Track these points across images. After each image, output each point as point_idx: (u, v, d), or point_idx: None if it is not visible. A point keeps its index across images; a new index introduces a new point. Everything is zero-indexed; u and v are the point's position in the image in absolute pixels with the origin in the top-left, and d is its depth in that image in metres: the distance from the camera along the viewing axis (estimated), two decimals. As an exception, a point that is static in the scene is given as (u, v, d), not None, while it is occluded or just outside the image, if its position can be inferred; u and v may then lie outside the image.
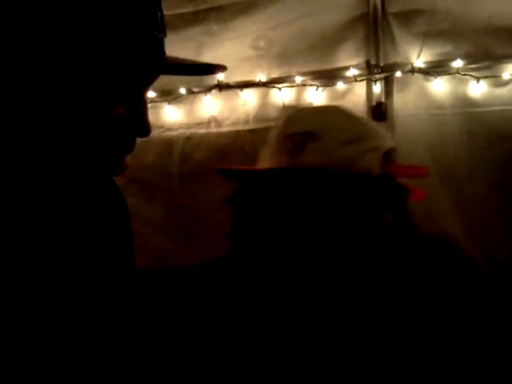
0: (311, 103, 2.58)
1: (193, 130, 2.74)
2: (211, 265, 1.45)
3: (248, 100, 2.68)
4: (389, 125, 2.53)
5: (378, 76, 2.55)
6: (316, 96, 2.59)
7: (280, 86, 2.63)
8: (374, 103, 2.55)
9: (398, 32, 2.52)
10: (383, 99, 2.56)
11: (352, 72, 2.56)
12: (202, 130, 2.74)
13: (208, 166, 2.59)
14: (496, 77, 2.53)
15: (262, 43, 2.59)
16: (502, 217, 2.54)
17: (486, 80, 2.52)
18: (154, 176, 2.82)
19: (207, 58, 2.64)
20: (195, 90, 2.72)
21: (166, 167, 2.81)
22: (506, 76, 2.54)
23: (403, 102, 2.57)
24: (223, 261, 1.41)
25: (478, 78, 2.51)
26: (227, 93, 2.69)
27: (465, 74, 2.52)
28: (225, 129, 2.73)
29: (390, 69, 2.55)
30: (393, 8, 2.51)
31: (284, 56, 2.62)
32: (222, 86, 2.66)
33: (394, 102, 2.57)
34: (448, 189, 2.58)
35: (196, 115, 2.76)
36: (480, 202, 2.55)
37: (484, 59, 2.51)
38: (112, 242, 0.94)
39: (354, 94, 2.59)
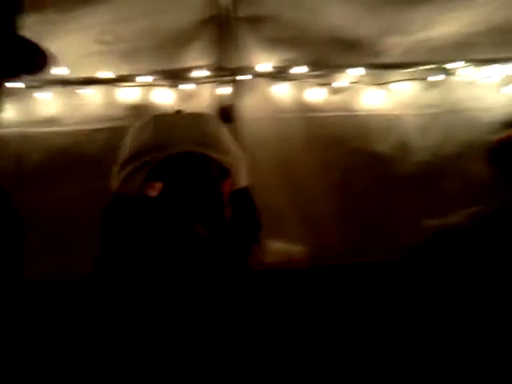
0: (159, 104, 2.52)
1: (30, 129, 2.51)
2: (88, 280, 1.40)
3: (91, 98, 2.53)
4: (235, 127, 2.57)
5: (225, 79, 2.56)
6: (164, 96, 2.54)
7: (126, 84, 2.52)
8: (222, 106, 2.57)
9: (246, 36, 2.54)
10: (231, 102, 2.58)
11: (200, 73, 2.53)
12: (41, 129, 2.52)
13: (47, 168, 2.41)
14: (331, 84, 2.72)
15: (107, 38, 2.41)
16: (338, 214, 2.75)
17: (325, 87, 2.69)
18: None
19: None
20: (32, 84, 2.47)
21: (-1, 168, 2.56)
22: (341, 84, 2.73)
23: (250, 105, 2.62)
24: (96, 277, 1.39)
25: (318, 85, 2.66)
26: (68, 89, 2.50)
27: (306, 81, 2.66)
28: (65, 128, 2.53)
29: (237, 72, 2.58)
30: (241, 12, 2.51)
31: (131, 53, 2.49)
32: (63, 82, 2.46)
33: (241, 105, 2.60)
34: (290, 188, 2.71)
35: (33, 113, 2.52)
36: (319, 201, 2.73)
37: (323, 67, 2.66)
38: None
39: (202, 96, 2.57)
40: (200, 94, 2.57)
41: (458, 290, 1.72)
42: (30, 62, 0.92)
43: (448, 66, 2.78)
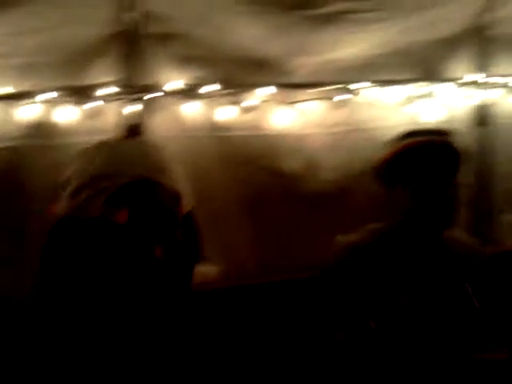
0: (63, 122, 2.38)
1: None
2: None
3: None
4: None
5: (133, 96, 2.47)
6: (68, 114, 2.40)
7: (24, 101, 2.35)
8: (130, 124, 2.47)
9: (155, 53, 2.48)
10: (140, 120, 2.50)
11: (107, 90, 2.42)
12: None
13: None
14: (241, 103, 2.71)
15: (5, 50, 2.26)
16: (252, 233, 2.74)
17: (235, 105, 2.67)
18: None
19: None
20: None
21: None
22: (251, 102, 2.72)
23: (159, 123, 2.55)
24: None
25: (229, 103, 2.64)
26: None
27: (214, 99, 2.63)
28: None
29: (145, 90, 2.50)
30: (150, 29, 2.45)
31: (31, 68, 2.33)
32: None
33: (151, 123, 2.52)
34: (203, 207, 2.63)
35: None
36: (233, 220, 2.73)
37: (233, 86, 2.65)
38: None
39: (109, 114, 2.46)
40: (107, 111, 2.46)
41: (368, 301, 1.77)
42: None
43: (353, 86, 2.87)
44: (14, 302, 2.17)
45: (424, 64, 3.03)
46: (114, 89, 2.43)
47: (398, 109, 3.02)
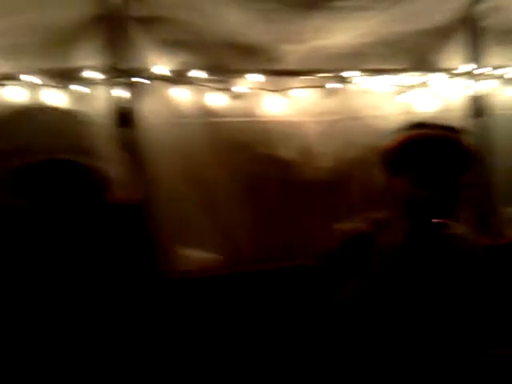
0: (48, 104, 2.35)
1: None
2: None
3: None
4: (135, 133, 2.46)
5: (118, 80, 2.45)
6: (53, 97, 2.38)
7: (10, 82, 2.34)
8: (120, 109, 2.44)
9: (140, 37, 2.46)
10: (129, 105, 2.46)
11: (91, 74, 2.41)
12: None
13: None
14: (231, 89, 2.69)
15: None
16: (249, 220, 2.69)
17: (226, 92, 2.65)
18: None
19: None
20: None
21: None
22: (240, 89, 2.70)
23: (149, 108, 2.52)
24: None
25: (218, 90, 2.62)
26: None
27: (204, 85, 2.61)
28: None
29: (131, 73, 2.48)
30: (134, 12, 2.44)
31: (12, 49, 2.30)
32: None
33: (140, 108, 2.49)
34: (198, 195, 2.62)
35: None
36: (229, 207, 2.67)
37: (222, 72, 2.63)
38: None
39: (96, 98, 2.44)
40: (93, 95, 2.43)
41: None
42: None
43: (344, 74, 2.85)
44: None
45: (415, 54, 3.01)
46: (97, 73, 2.41)
47: (391, 98, 2.99)
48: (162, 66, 2.52)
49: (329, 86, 2.83)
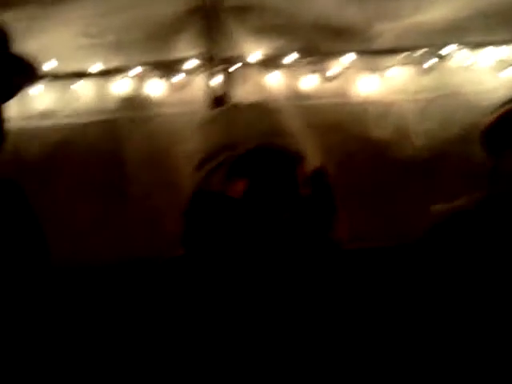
0: (152, 95, 2.52)
1: (23, 124, 2.44)
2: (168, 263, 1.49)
3: (82, 92, 2.53)
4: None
5: (216, 68, 2.56)
6: (156, 87, 2.54)
7: (118, 76, 2.52)
8: (215, 96, 2.56)
9: (234, 26, 2.54)
10: (224, 92, 2.57)
11: (190, 64, 2.54)
12: (34, 124, 2.50)
13: (43, 162, 2.41)
14: (324, 71, 2.70)
15: (93, 30, 2.41)
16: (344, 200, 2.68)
17: (318, 74, 2.67)
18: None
19: (31, 47, 2.45)
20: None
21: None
22: (333, 71, 2.72)
23: (243, 94, 2.61)
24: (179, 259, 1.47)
25: (311, 72, 2.65)
26: (59, 83, 2.49)
27: (298, 68, 2.65)
28: (58, 122, 2.52)
29: (227, 62, 2.58)
30: (227, 2, 2.52)
31: (119, 45, 2.48)
32: (52, 77, 2.44)
33: (234, 94, 2.59)
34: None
35: (25, 107, 2.49)
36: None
37: (313, 54, 2.66)
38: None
39: (194, 86, 2.57)
40: (192, 84, 2.56)
41: (469, 274, 1.66)
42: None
43: (442, 50, 2.77)
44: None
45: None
46: (196, 63, 2.53)
47: (493, 73, 2.87)
48: (256, 52, 2.60)
49: (425, 63, 2.78)
